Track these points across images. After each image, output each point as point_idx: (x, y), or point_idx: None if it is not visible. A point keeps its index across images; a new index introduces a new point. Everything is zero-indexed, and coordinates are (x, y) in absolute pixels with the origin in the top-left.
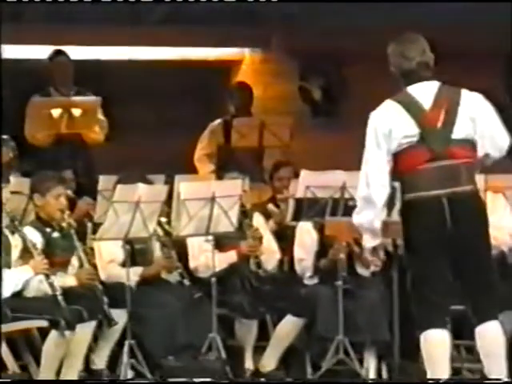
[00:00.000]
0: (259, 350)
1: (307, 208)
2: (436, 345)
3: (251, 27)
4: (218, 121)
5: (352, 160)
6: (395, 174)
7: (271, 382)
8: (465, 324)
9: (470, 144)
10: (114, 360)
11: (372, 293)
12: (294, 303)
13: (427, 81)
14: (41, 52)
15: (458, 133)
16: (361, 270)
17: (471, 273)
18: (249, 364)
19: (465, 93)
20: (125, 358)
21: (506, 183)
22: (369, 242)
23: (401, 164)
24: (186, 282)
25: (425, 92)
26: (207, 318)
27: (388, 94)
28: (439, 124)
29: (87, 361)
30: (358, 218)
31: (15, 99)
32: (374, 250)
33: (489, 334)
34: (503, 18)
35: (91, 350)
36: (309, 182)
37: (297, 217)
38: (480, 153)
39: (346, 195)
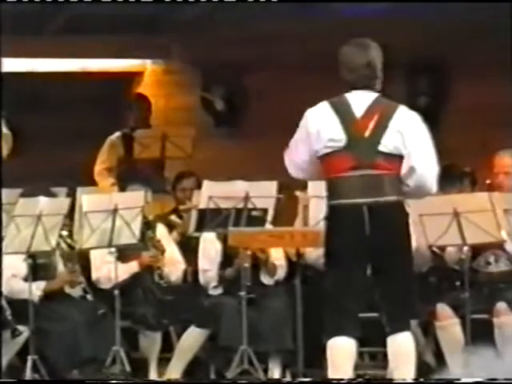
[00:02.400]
0: (164, 362)
1: (210, 218)
2: (342, 352)
3: (152, 38)
4: (117, 134)
5: (255, 170)
6: (323, 178)
7: (272, 382)
8: (369, 331)
9: (396, 157)
10: (17, 375)
11: (276, 302)
12: (198, 314)
13: (367, 90)
14: None
15: (385, 145)
16: (265, 279)
17: (388, 282)
18: (153, 376)
19: (402, 108)
20: (28, 373)
21: None
22: None
23: (327, 169)
24: (90, 297)
25: (360, 100)
26: (111, 331)
27: (290, 102)
28: (367, 133)
29: None
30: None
31: None
32: None
33: (400, 345)
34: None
35: None
36: (212, 193)
37: (200, 227)
38: (405, 168)
39: (249, 205)
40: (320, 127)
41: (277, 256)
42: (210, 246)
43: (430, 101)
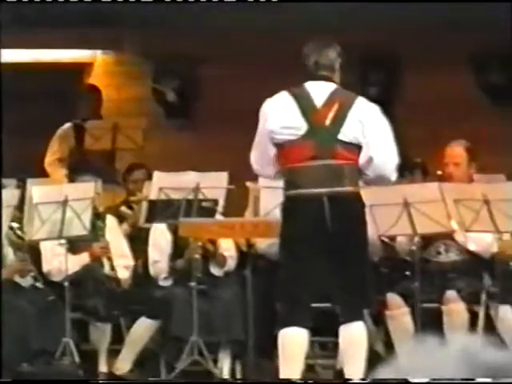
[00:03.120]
0: (114, 353)
1: (161, 210)
2: (293, 342)
3: (103, 28)
4: (68, 124)
5: (206, 161)
6: (279, 168)
7: (275, 382)
8: (320, 321)
9: (355, 147)
10: None
11: (226, 293)
12: (149, 305)
13: (326, 81)
14: None
15: (344, 134)
16: (215, 270)
17: (344, 272)
18: (103, 367)
19: (361, 99)
20: None
21: None
22: None
23: (285, 158)
24: (40, 284)
25: (320, 90)
26: (61, 323)
27: (241, 95)
28: (327, 122)
29: None
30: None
31: None
32: None
33: (352, 334)
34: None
35: None
36: (162, 184)
37: (151, 218)
38: (362, 158)
39: (200, 196)
40: (280, 116)
41: (227, 247)
42: (160, 237)
43: (381, 92)
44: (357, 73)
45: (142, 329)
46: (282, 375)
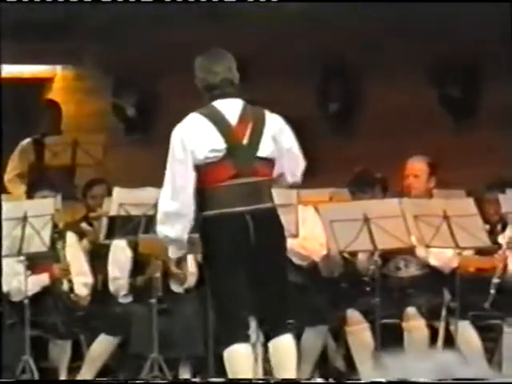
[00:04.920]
0: (74, 371)
1: (121, 226)
2: (239, 361)
3: (62, 43)
4: (28, 140)
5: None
6: (196, 189)
7: (276, 382)
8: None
9: (271, 163)
10: None
11: (186, 309)
12: (108, 322)
13: (232, 98)
14: None
15: (262, 151)
16: (175, 287)
17: (269, 287)
18: None
19: (268, 113)
20: None
21: (317, 197)
22: (174, 253)
23: (203, 180)
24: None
25: (230, 108)
26: (20, 341)
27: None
28: (245, 140)
29: None
30: (163, 230)
31: None
32: (179, 262)
33: (281, 347)
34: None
35: None
36: (122, 200)
37: (111, 235)
38: (276, 172)
39: None
40: (198, 139)
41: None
42: (120, 254)
43: (342, 107)
44: (316, 87)
45: (102, 346)
46: None
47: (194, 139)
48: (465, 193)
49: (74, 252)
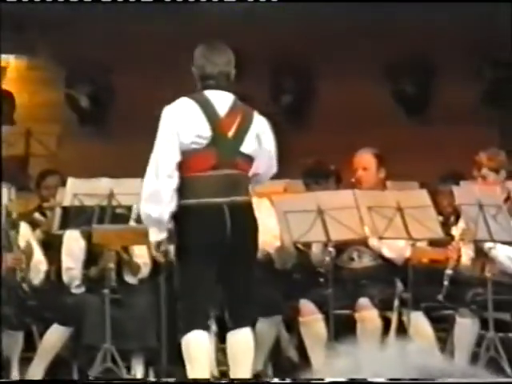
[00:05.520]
0: (26, 361)
1: (74, 216)
2: (197, 347)
3: (16, 33)
4: None
5: (120, 167)
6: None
7: (279, 382)
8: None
9: (251, 160)
10: None
11: (140, 300)
12: (61, 312)
13: (224, 91)
14: None
15: (245, 146)
16: (128, 278)
17: (237, 279)
18: (15, 375)
19: (257, 114)
20: None
21: (271, 189)
22: (155, 236)
23: (184, 168)
24: None
25: (221, 100)
26: None
27: (154, 101)
28: (231, 133)
29: None
30: (146, 209)
31: None
32: (159, 244)
33: (239, 340)
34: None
35: None
36: (76, 190)
37: (64, 225)
38: (252, 171)
39: (114, 203)
40: (186, 122)
41: (141, 254)
42: (73, 244)
43: (295, 99)
44: (269, 81)
45: (55, 336)
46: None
47: (182, 121)
48: (418, 185)
49: (28, 242)
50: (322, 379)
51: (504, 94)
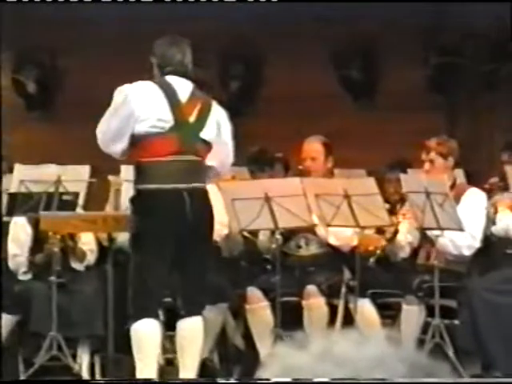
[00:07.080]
0: None
1: (21, 203)
2: (147, 335)
3: None
4: None
5: (67, 154)
6: (134, 161)
7: (280, 382)
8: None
9: (209, 147)
10: None
11: (87, 287)
12: (7, 300)
13: (183, 78)
14: None
15: (205, 133)
16: (75, 265)
17: (192, 267)
18: None
19: (215, 103)
20: None
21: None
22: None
23: (144, 151)
24: None
25: (182, 86)
26: None
27: (102, 86)
28: (192, 119)
29: None
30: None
31: None
32: None
33: (190, 328)
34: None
35: None
36: (23, 176)
37: (11, 212)
38: (209, 158)
39: (61, 189)
40: (147, 106)
41: (86, 241)
42: (20, 231)
43: (242, 86)
44: (217, 66)
45: (1, 324)
46: (138, 368)
47: (143, 103)
48: (365, 172)
49: None
50: (322, 379)
51: (450, 80)
